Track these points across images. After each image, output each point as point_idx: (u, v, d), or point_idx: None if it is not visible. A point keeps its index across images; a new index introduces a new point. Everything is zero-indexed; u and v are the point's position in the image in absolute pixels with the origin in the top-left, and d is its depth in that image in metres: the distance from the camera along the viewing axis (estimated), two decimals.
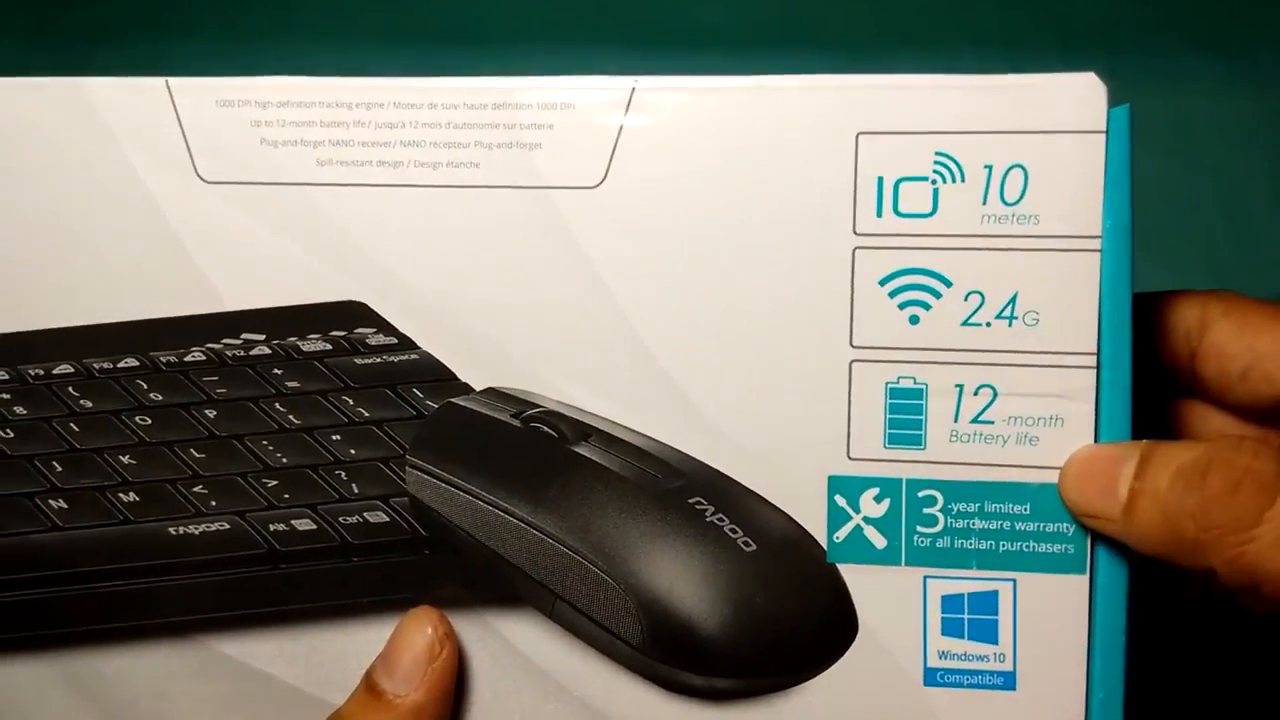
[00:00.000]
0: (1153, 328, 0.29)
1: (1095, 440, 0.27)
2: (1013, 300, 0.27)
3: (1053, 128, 0.26)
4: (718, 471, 0.29)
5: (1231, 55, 0.51)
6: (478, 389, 0.30)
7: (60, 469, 0.30)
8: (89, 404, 0.31)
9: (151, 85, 0.30)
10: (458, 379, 0.30)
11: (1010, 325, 0.27)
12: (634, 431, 0.29)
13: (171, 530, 0.30)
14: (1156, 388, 0.29)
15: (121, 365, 0.31)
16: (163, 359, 0.31)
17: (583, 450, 0.29)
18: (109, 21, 0.58)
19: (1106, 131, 0.26)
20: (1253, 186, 0.50)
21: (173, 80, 0.30)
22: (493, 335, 0.29)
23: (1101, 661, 0.27)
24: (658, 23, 0.52)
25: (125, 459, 0.31)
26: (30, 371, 0.31)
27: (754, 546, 0.28)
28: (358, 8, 0.57)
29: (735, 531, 0.28)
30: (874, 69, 0.26)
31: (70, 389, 0.31)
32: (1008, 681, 0.28)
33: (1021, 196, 0.27)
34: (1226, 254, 0.51)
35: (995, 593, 0.28)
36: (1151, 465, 0.26)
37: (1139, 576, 0.27)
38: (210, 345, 0.31)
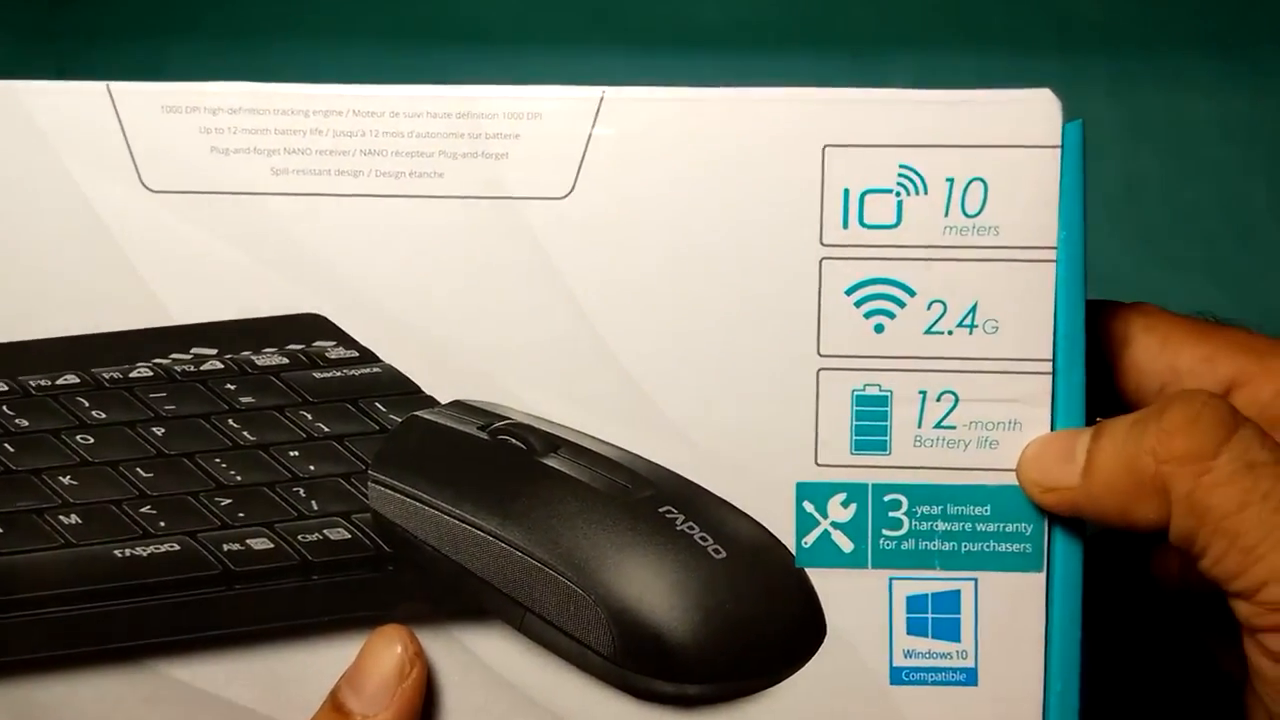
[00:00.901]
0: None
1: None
2: (973, 309, 0.28)
3: (1011, 142, 0.27)
4: (687, 480, 0.29)
5: (1231, 55, 0.51)
6: (443, 402, 0.29)
7: None
8: (24, 423, 0.29)
9: (91, 90, 0.28)
10: (422, 392, 0.29)
11: (971, 333, 0.28)
12: (603, 442, 0.29)
13: (117, 553, 0.29)
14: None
15: (60, 382, 0.30)
16: (105, 375, 0.30)
17: (552, 462, 0.29)
18: (106, 22, 0.56)
19: (1061, 146, 0.27)
20: (1253, 186, 0.51)
21: (114, 85, 0.28)
22: (458, 347, 0.29)
23: (1059, 655, 0.28)
24: (657, 23, 0.52)
25: (66, 479, 0.29)
26: None
27: (724, 554, 0.29)
28: (358, 8, 0.55)
29: (705, 539, 0.29)
30: (874, 69, 0.26)
31: (4, 407, 0.29)
32: (970, 678, 0.28)
33: (982, 208, 0.27)
34: (1226, 254, 0.51)
35: (958, 592, 0.28)
36: (1106, 428, 0.27)
37: (1102, 573, 0.28)
38: (158, 361, 0.30)
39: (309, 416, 0.30)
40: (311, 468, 0.29)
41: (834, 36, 0.25)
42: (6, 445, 0.29)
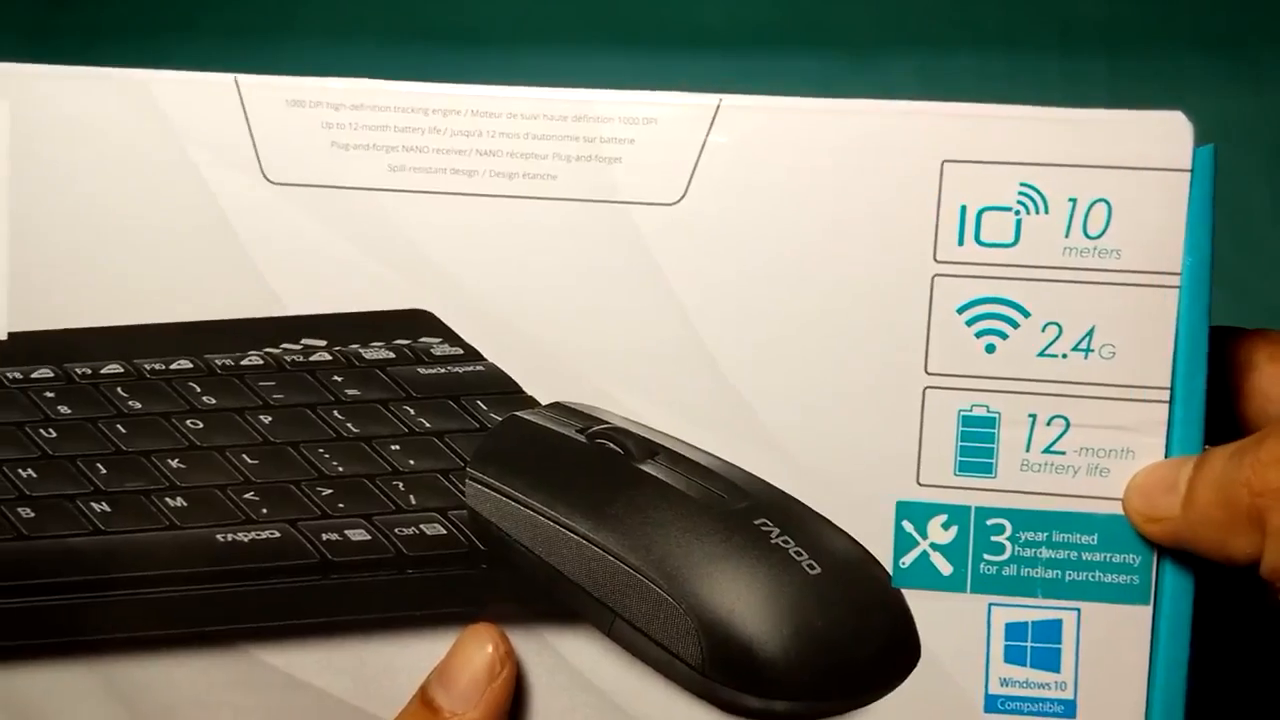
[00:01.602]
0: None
1: None
2: (1090, 333, 0.27)
3: (1138, 164, 0.26)
4: (784, 493, 0.29)
5: (1231, 55, 0.51)
6: (543, 403, 0.29)
7: (105, 471, 0.29)
8: (137, 405, 0.30)
9: (219, 81, 0.29)
10: (523, 392, 0.29)
11: (1086, 357, 0.27)
12: (701, 450, 0.29)
13: (219, 537, 0.29)
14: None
15: (174, 367, 0.30)
16: (217, 362, 0.30)
17: (648, 468, 0.28)
18: (106, 22, 0.57)
19: (1191, 170, 0.26)
20: (1253, 186, 0.51)
21: (241, 77, 0.29)
22: (561, 349, 0.28)
23: (1162, 694, 0.27)
24: (656, 23, 0.52)
25: (174, 463, 0.29)
26: (77, 370, 0.30)
27: (818, 569, 0.28)
28: (358, 8, 0.56)
29: (800, 554, 0.28)
30: (874, 69, 0.25)
31: (119, 389, 0.30)
32: (1068, 710, 0.28)
33: (1104, 231, 0.27)
34: (1226, 254, 0.50)
35: (1059, 621, 0.27)
36: (1209, 456, 0.26)
37: (1216, 603, 0.26)
38: (268, 350, 0.30)
39: (411, 411, 0.30)
40: (411, 462, 0.29)
41: (834, 36, 0.25)
42: (119, 426, 0.30)
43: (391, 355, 0.30)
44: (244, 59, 0.56)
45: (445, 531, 0.29)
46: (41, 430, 0.30)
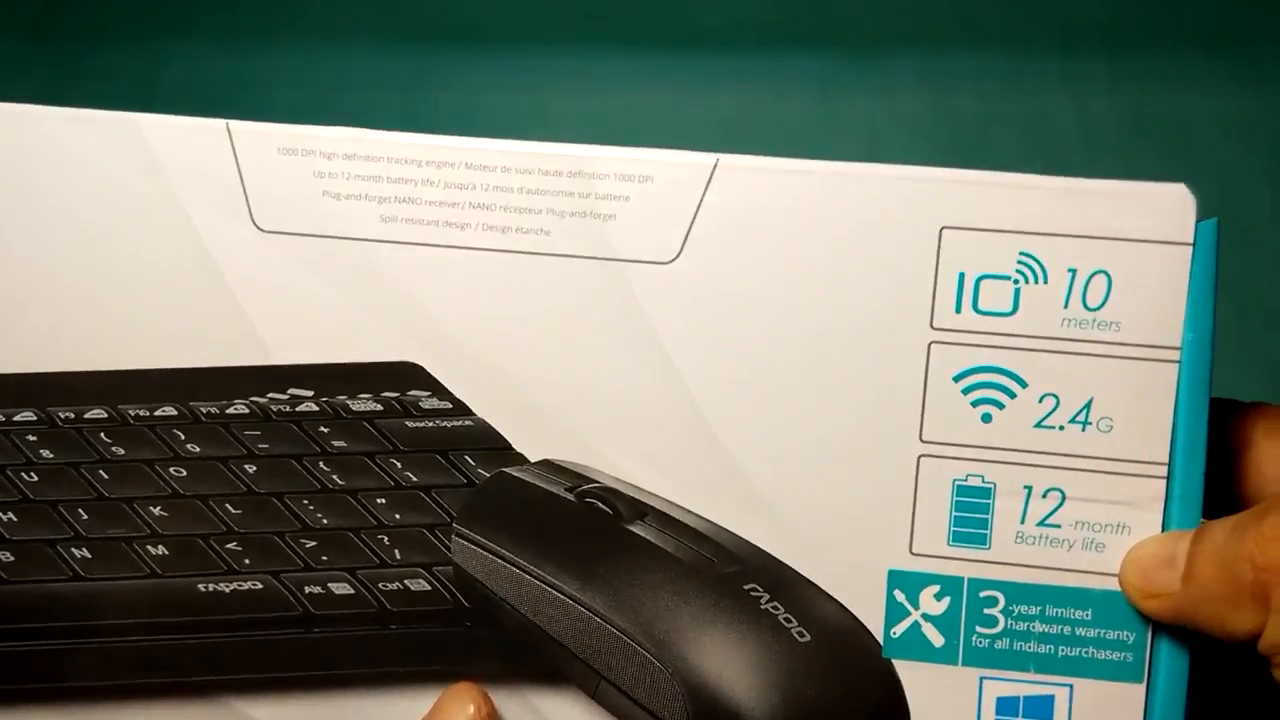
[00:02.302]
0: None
1: None
2: (1088, 406, 0.26)
3: (1140, 236, 0.26)
4: (775, 559, 0.28)
5: (1231, 55, 0.51)
6: (532, 460, 0.28)
7: (86, 517, 0.29)
8: (121, 451, 0.29)
9: (211, 127, 0.28)
10: (512, 449, 0.29)
11: (1084, 430, 0.26)
12: (691, 513, 0.28)
13: (201, 587, 0.28)
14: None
15: (159, 413, 0.29)
16: (203, 409, 0.29)
17: (637, 529, 0.28)
18: (106, 23, 0.57)
19: (1194, 244, 0.26)
20: (1253, 186, 0.50)
21: (233, 124, 0.28)
22: (551, 406, 0.28)
23: None
24: (655, 24, 0.52)
25: (156, 510, 0.29)
26: (60, 414, 0.29)
27: (808, 637, 0.27)
28: (359, 8, 0.56)
29: (790, 621, 0.27)
30: (874, 69, 0.25)
31: (102, 434, 0.29)
32: None
33: (1104, 303, 0.26)
34: (1226, 254, 0.50)
35: (1051, 697, 0.27)
36: (1209, 530, 0.26)
37: (1200, 681, 0.26)
38: (254, 399, 0.29)
39: (398, 465, 0.29)
40: (397, 516, 0.29)
41: (834, 36, 0.24)
42: (101, 472, 0.29)
43: (379, 407, 0.30)
44: (244, 59, 0.56)
45: (430, 587, 0.29)
46: (23, 474, 0.29)
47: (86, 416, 0.30)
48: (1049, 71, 0.44)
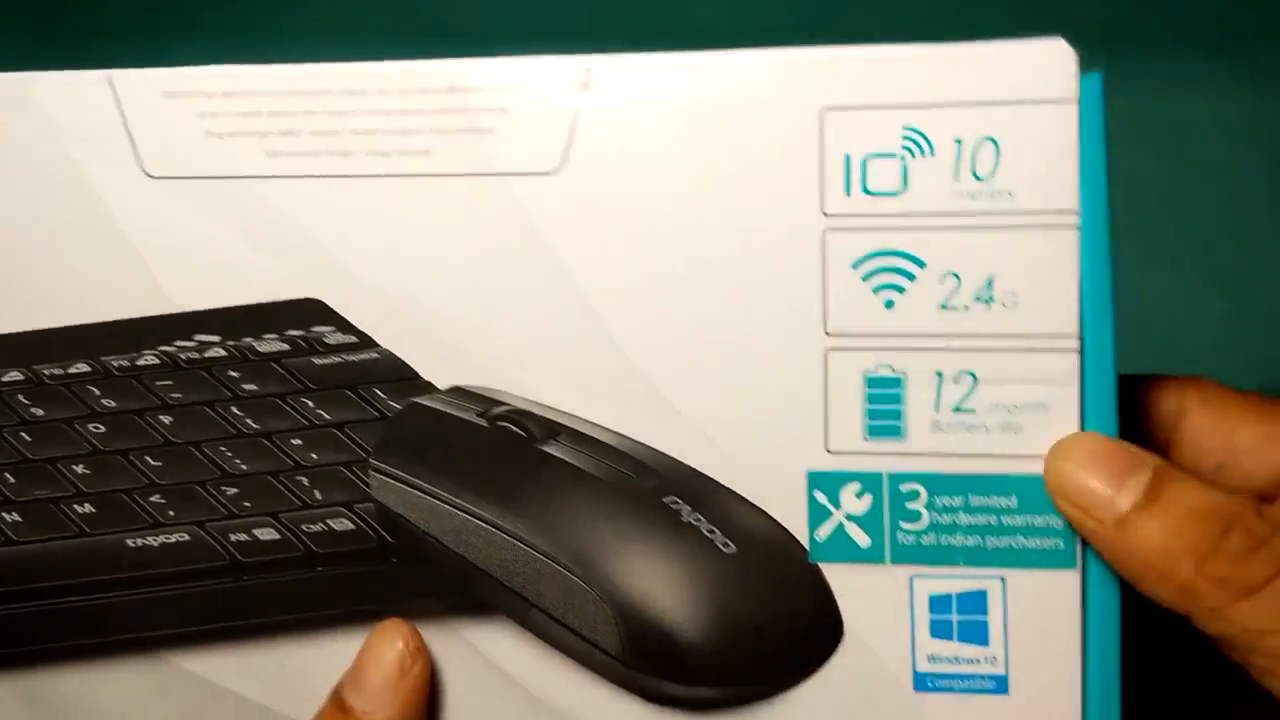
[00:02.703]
0: (1133, 412, 0.35)
1: (1080, 418, 0.33)
2: (990, 282, 0.33)
3: (1022, 97, 0.33)
4: (693, 470, 0.36)
5: (1231, 55, 0.61)
6: (442, 388, 0.37)
7: (12, 480, 0.38)
8: (40, 412, 0.39)
9: (94, 79, 0.37)
10: (420, 378, 0.37)
11: (989, 308, 0.34)
12: (605, 429, 0.36)
13: (130, 542, 0.37)
14: None
15: (72, 371, 0.39)
16: (115, 363, 0.39)
17: (552, 449, 0.36)
18: (106, 22, 0.69)
19: (1079, 100, 0.33)
20: (1252, 186, 0.61)
21: (115, 73, 0.37)
22: (455, 331, 0.36)
23: (1097, 661, 0.34)
24: (657, 23, 0.64)
25: (79, 469, 0.38)
26: None
27: (733, 548, 0.35)
28: (360, 7, 0.67)
29: (713, 532, 0.35)
30: None
31: (20, 397, 0.39)
32: (1000, 685, 0.34)
33: (994, 171, 0.33)
34: (1226, 254, 0.61)
35: (984, 592, 0.34)
36: (1166, 491, 0.32)
37: None
38: (163, 348, 0.39)
39: (310, 404, 0.38)
40: (314, 456, 0.38)
41: (834, 36, 0.31)
42: (23, 434, 0.39)
43: (286, 347, 0.39)
44: (244, 59, 0.68)
45: (353, 526, 0.38)
46: None
47: (3, 380, 0.40)
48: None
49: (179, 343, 0.38)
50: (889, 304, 0.34)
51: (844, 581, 0.35)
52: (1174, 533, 0.32)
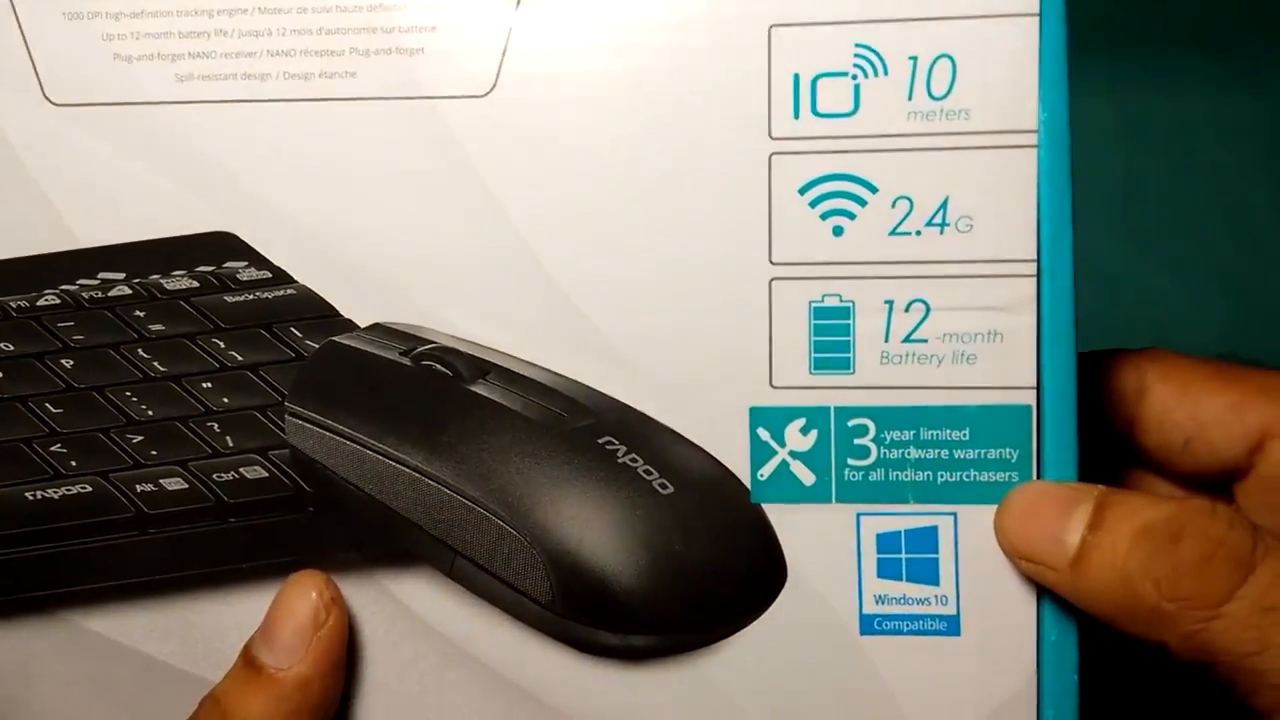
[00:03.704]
0: (1092, 390, 0.33)
1: (1037, 347, 0.30)
2: (944, 205, 0.30)
3: (982, 11, 0.30)
4: (629, 407, 0.32)
5: (1231, 55, 0.58)
6: (362, 325, 0.33)
7: None
8: None
9: None
10: (339, 315, 0.33)
11: (942, 233, 0.30)
12: (537, 367, 0.32)
13: (29, 494, 0.33)
14: (1098, 455, 0.32)
15: None
16: (12, 304, 0.34)
17: (480, 389, 0.32)
18: None
19: (1039, 14, 0.29)
20: (1252, 186, 0.58)
21: None
22: (378, 265, 0.32)
23: (1051, 601, 0.30)
24: None
25: None
26: None
27: (671, 489, 0.31)
28: None
29: (650, 473, 0.32)
30: None
31: None
32: (951, 626, 0.31)
33: (950, 90, 0.30)
34: (1226, 254, 0.59)
35: (935, 528, 0.31)
36: (1109, 516, 0.29)
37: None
38: (65, 287, 0.34)
39: (221, 344, 0.34)
40: (225, 400, 0.33)
41: None
42: None
43: (195, 284, 0.34)
44: None
45: (267, 474, 0.33)
46: None
47: None
48: None
49: (82, 281, 0.34)
50: (838, 230, 0.30)
51: (787, 521, 0.31)
52: (1126, 556, 0.28)
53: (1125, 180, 0.55)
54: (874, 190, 0.31)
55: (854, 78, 0.31)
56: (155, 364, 0.34)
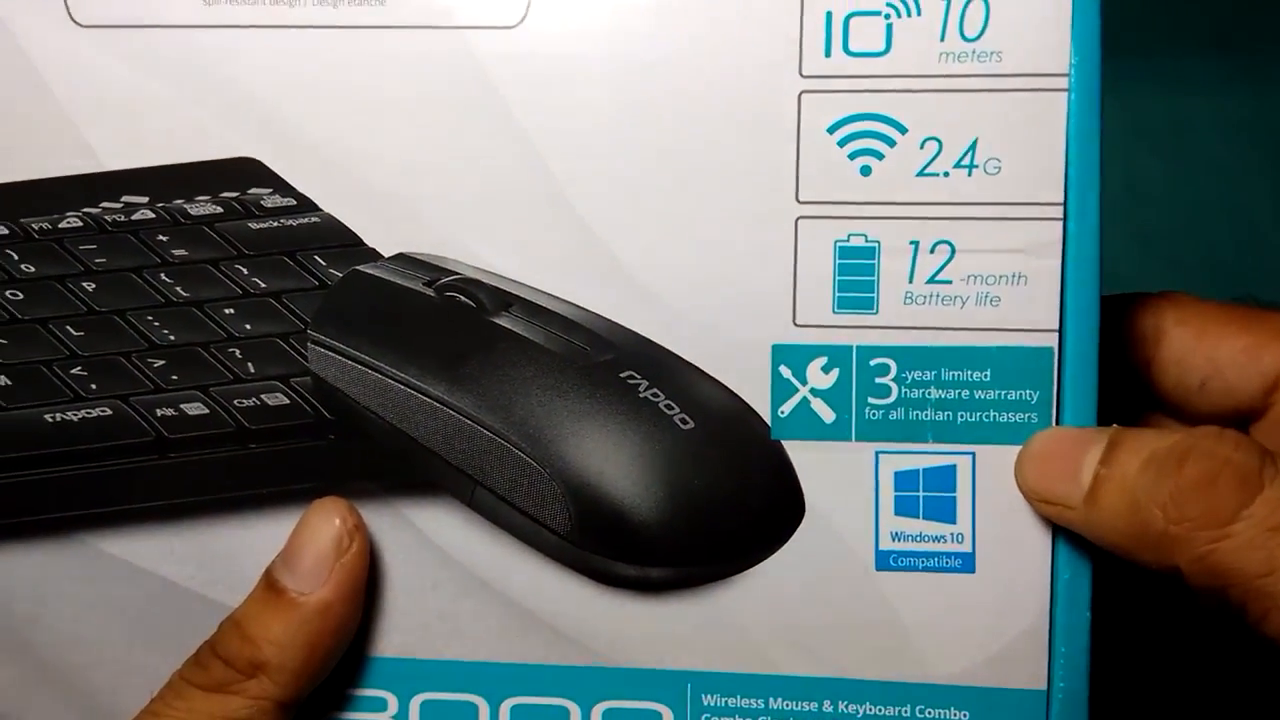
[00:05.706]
0: (1110, 332, 0.30)
1: (1061, 289, 0.28)
2: (972, 147, 0.27)
3: None
4: (652, 342, 0.29)
5: (1231, 55, 0.55)
6: (386, 255, 0.30)
7: None
8: None
9: None
10: (364, 244, 0.30)
11: (970, 174, 0.27)
12: (560, 300, 0.29)
13: (48, 417, 0.30)
14: (1116, 397, 0.30)
15: None
16: (35, 226, 0.31)
17: (503, 321, 0.29)
18: None
19: None
20: (1253, 186, 0.55)
21: None
22: (402, 194, 0.29)
23: (1066, 540, 0.27)
24: None
25: None
26: None
27: (691, 424, 0.28)
28: None
29: (671, 408, 0.28)
30: None
31: None
32: (966, 563, 0.28)
33: (982, 31, 0.27)
34: (1226, 254, 0.56)
35: (953, 467, 0.28)
36: (1121, 450, 0.27)
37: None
38: (87, 210, 0.31)
39: (245, 271, 0.30)
40: (248, 326, 0.30)
41: None
42: None
43: (219, 210, 0.31)
44: None
45: (288, 401, 0.30)
46: None
47: None
48: None
49: (105, 204, 0.30)
50: (865, 170, 0.27)
51: (806, 458, 0.29)
52: (1134, 485, 0.26)
53: (1126, 180, 0.52)
54: (903, 131, 0.28)
55: (886, 17, 0.27)
56: (178, 289, 0.30)
